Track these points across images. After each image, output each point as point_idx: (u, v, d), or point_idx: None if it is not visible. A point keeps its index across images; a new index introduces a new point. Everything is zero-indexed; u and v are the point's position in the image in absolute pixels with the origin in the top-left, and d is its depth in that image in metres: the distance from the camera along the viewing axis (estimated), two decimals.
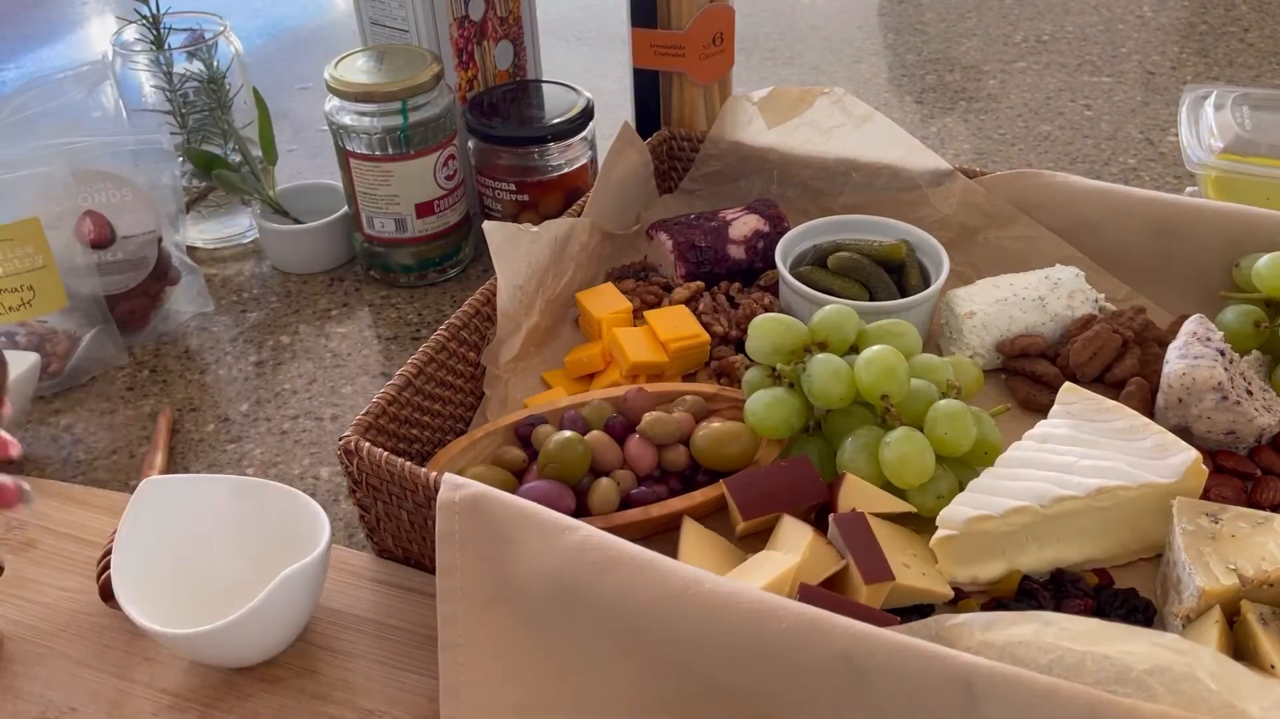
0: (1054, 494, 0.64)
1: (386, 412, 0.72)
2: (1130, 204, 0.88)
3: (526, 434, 0.75)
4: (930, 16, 1.51)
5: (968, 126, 1.23)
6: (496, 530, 0.61)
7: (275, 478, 0.81)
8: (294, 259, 1.04)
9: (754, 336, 0.75)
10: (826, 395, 0.70)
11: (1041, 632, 0.56)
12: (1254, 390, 0.74)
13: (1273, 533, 0.62)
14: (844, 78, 1.36)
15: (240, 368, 0.93)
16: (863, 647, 0.52)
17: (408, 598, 0.69)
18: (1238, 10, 1.46)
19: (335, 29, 1.59)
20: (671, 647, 0.57)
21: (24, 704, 0.64)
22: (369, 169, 0.94)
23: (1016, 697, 0.49)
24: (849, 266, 0.85)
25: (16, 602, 0.70)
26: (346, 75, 0.91)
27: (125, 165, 0.92)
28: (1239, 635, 0.60)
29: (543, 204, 0.99)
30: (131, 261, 0.93)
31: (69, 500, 0.78)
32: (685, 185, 1.04)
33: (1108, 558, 0.68)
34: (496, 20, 1.00)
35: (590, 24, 1.54)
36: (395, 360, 0.92)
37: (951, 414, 0.68)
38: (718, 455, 0.72)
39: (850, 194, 0.98)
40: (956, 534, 0.64)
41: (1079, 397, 0.72)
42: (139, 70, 1.00)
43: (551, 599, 0.59)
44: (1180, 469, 0.65)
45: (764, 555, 0.65)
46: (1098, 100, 1.27)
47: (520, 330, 0.84)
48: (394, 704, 0.63)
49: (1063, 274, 0.85)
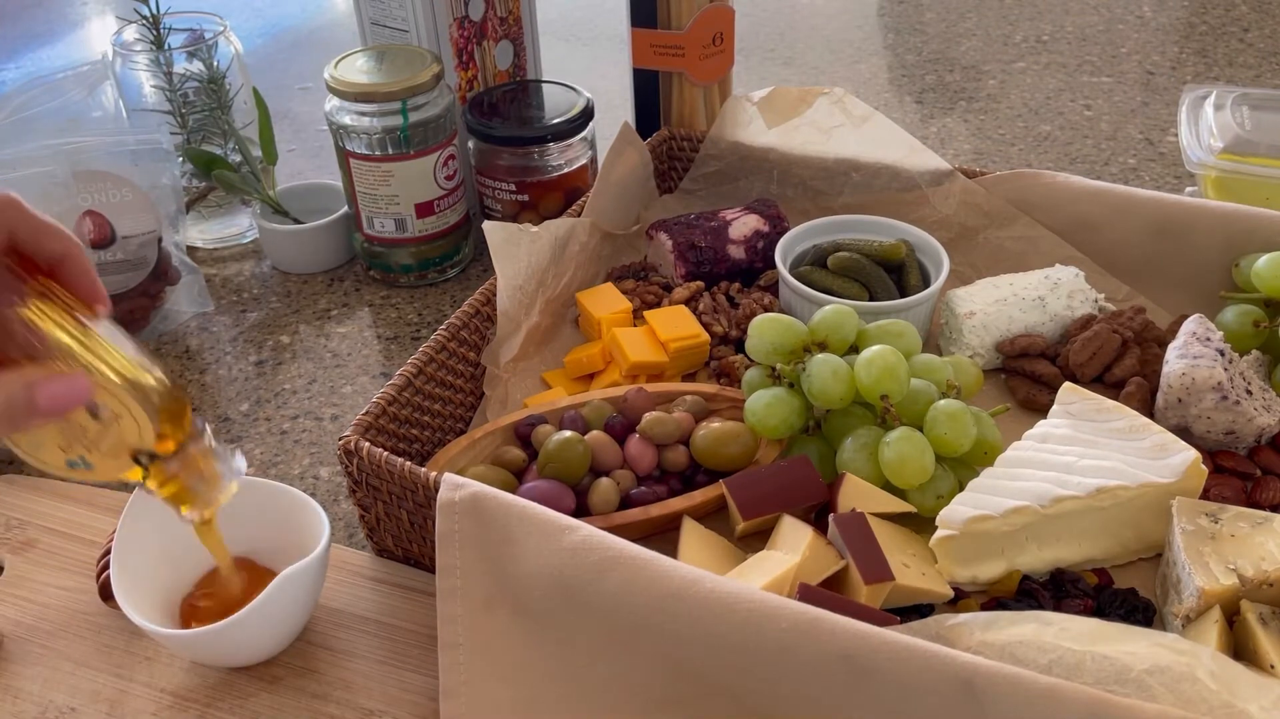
0: (1054, 494, 0.64)
1: (386, 412, 0.72)
2: (1130, 204, 0.88)
3: (526, 434, 0.75)
4: (930, 16, 1.51)
5: (968, 126, 1.23)
6: (496, 530, 0.61)
7: (275, 478, 0.81)
8: (294, 259, 1.04)
9: (754, 336, 0.75)
10: (826, 395, 0.70)
11: (1041, 632, 0.56)
12: (1254, 390, 0.74)
13: (1272, 533, 0.62)
14: (844, 78, 1.36)
15: (240, 368, 0.93)
16: (863, 647, 0.52)
17: (408, 598, 0.69)
18: (1238, 10, 1.46)
19: (335, 29, 1.59)
20: (671, 646, 0.57)
21: (24, 704, 0.64)
22: (369, 169, 0.94)
23: (1016, 697, 0.49)
24: (849, 267, 0.85)
25: (16, 602, 0.70)
26: (346, 75, 0.92)
27: (125, 165, 0.92)
28: (1239, 635, 0.60)
29: (543, 204, 0.99)
30: (131, 261, 0.93)
31: (69, 500, 0.78)
32: (685, 185, 1.05)
33: (1108, 558, 0.68)
34: (496, 20, 1.00)
35: (590, 24, 1.54)
36: (395, 360, 0.93)
37: (951, 414, 0.68)
38: (718, 455, 0.72)
39: (850, 194, 0.98)
40: (956, 534, 0.64)
41: (1079, 396, 0.72)
42: (139, 70, 1.00)
43: (551, 599, 0.59)
44: (1180, 469, 0.66)
45: (764, 555, 0.65)
46: (1098, 100, 1.27)
47: (520, 330, 0.84)
48: (394, 704, 0.63)
49: (1063, 274, 0.85)
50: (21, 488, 0.79)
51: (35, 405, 0.49)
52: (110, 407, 0.52)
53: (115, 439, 0.53)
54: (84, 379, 0.51)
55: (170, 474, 0.56)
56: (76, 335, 0.52)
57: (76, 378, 0.51)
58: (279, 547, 0.67)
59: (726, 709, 0.57)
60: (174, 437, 0.55)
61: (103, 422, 0.52)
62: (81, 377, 0.51)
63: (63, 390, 0.50)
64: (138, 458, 0.54)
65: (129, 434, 0.53)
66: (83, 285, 0.54)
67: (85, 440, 0.53)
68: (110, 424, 0.53)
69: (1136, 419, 0.69)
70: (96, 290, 0.54)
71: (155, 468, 0.55)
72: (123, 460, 0.54)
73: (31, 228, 0.53)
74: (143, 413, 0.53)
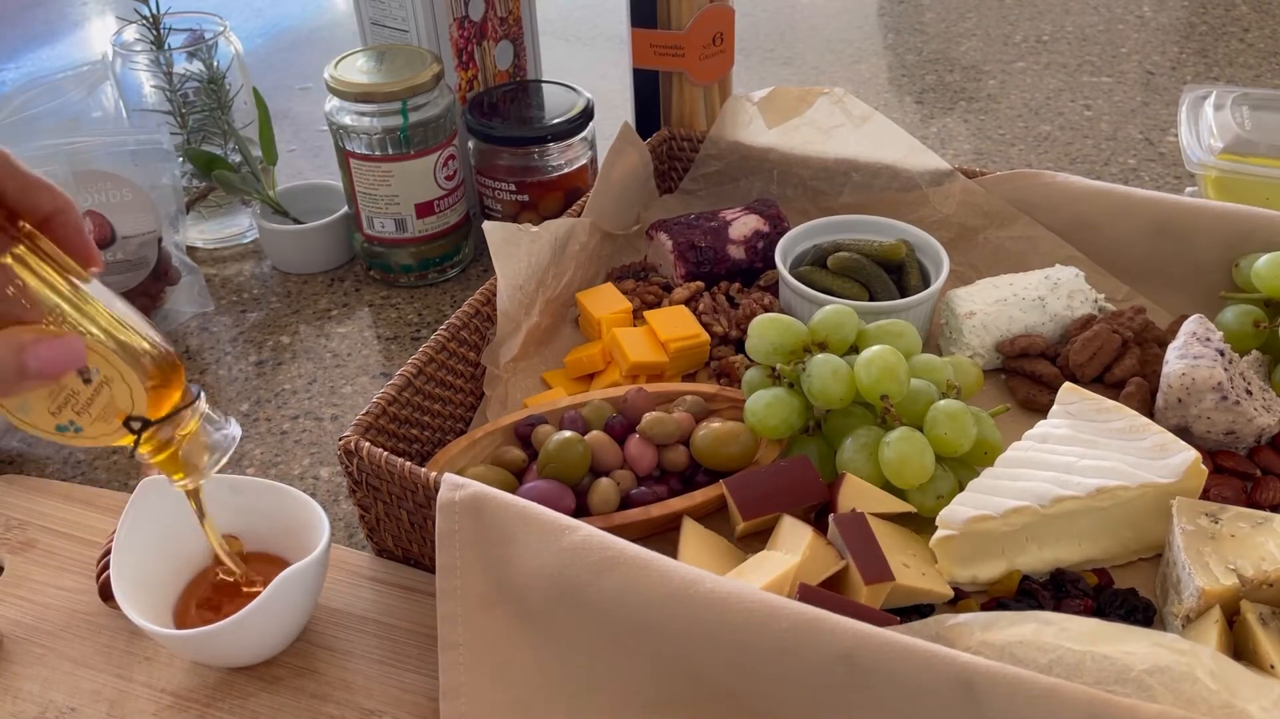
0: (1054, 494, 0.64)
1: (386, 412, 0.72)
2: (1130, 204, 0.88)
3: (526, 434, 0.75)
4: (930, 16, 1.51)
5: (968, 126, 1.23)
6: (496, 530, 0.61)
7: (275, 478, 0.81)
8: (294, 259, 1.04)
9: (754, 336, 0.75)
10: (826, 396, 0.70)
11: (1041, 631, 0.56)
12: (1254, 390, 0.74)
13: (1272, 533, 0.62)
14: (844, 78, 1.36)
15: (240, 368, 0.93)
16: (863, 647, 0.52)
17: (408, 598, 0.69)
18: (1238, 10, 1.46)
19: (335, 29, 1.59)
20: (671, 646, 0.57)
21: (24, 704, 0.64)
22: (369, 169, 0.94)
23: (1016, 697, 0.49)
24: (849, 266, 0.85)
25: (16, 602, 0.70)
26: (346, 75, 0.92)
27: (125, 165, 0.92)
28: (1239, 635, 0.60)
29: (543, 204, 0.99)
30: (131, 261, 0.93)
31: (69, 500, 0.78)
32: (685, 185, 1.04)
33: (1108, 558, 0.68)
34: (496, 20, 1.00)
35: (590, 24, 1.54)
36: (395, 360, 0.93)
37: (951, 414, 0.68)
38: (718, 455, 0.72)
39: (850, 194, 0.98)
40: (956, 534, 0.64)
41: (1079, 396, 0.72)
42: (139, 70, 1.00)
43: (551, 599, 0.59)
44: (1180, 469, 0.66)
45: (764, 555, 0.65)
46: (1098, 100, 1.27)
47: (520, 330, 0.84)
48: (394, 704, 0.63)
49: (1062, 274, 0.85)
50: (21, 488, 0.79)
51: (25, 369, 0.47)
52: (102, 370, 0.50)
53: (106, 404, 0.51)
54: (77, 342, 0.49)
55: (163, 441, 0.54)
56: (67, 295, 0.50)
57: (69, 340, 0.49)
58: (278, 547, 0.67)
59: (726, 709, 0.57)
60: (167, 402, 0.53)
61: (94, 386, 0.51)
62: (74, 339, 0.49)
63: (55, 354, 0.47)
64: (129, 423, 0.53)
65: (120, 399, 0.52)
66: (75, 244, 0.52)
67: (76, 404, 0.51)
68: (101, 388, 0.51)
69: (1136, 419, 0.69)
70: (89, 250, 0.52)
71: (147, 434, 0.54)
72: (113, 425, 0.52)
73: (21, 182, 0.50)
74: (135, 377, 0.51)
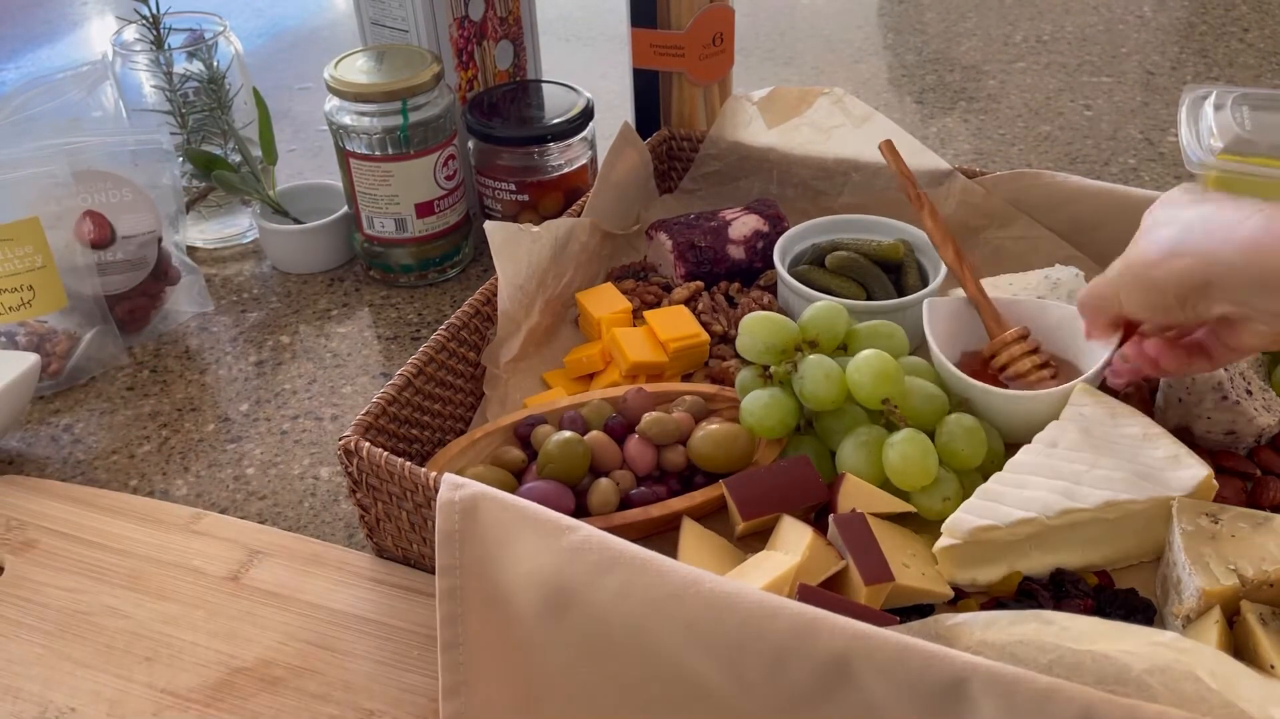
0: (1062, 506, 0.63)
1: (386, 412, 0.72)
2: (1130, 204, 0.88)
3: (526, 434, 0.75)
4: (930, 16, 1.51)
5: (968, 126, 1.23)
6: (496, 530, 0.61)
7: (275, 477, 0.81)
8: (294, 259, 1.04)
9: (745, 335, 0.75)
10: (818, 398, 0.71)
11: (1041, 631, 0.56)
12: (1254, 390, 0.74)
13: (1273, 533, 0.62)
14: (844, 78, 1.36)
15: (240, 368, 0.93)
16: (862, 647, 0.52)
17: (408, 598, 0.69)
18: (1238, 10, 1.46)
19: (335, 29, 1.59)
20: (671, 646, 0.57)
21: (24, 704, 0.64)
22: (369, 169, 0.94)
23: (1016, 696, 0.49)
24: (847, 266, 0.85)
25: (16, 602, 0.70)
26: (346, 75, 0.92)
27: (125, 165, 0.92)
28: (1239, 635, 0.60)
29: (543, 204, 0.99)
30: (131, 261, 0.93)
31: (69, 500, 0.78)
32: (685, 185, 1.04)
33: (1109, 563, 0.68)
34: (496, 20, 1.00)
35: (590, 24, 1.54)
36: (395, 360, 0.93)
37: (968, 430, 0.68)
38: (716, 457, 0.72)
39: (850, 194, 0.98)
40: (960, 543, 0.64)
41: (1092, 399, 0.70)
42: (139, 70, 1.00)
43: (551, 599, 0.59)
44: (1190, 484, 0.64)
45: (764, 555, 0.65)
46: (1098, 100, 1.27)
47: (520, 330, 0.84)
48: (394, 704, 0.63)
49: (1063, 274, 0.85)
50: (21, 488, 0.79)
51: None
52: None
53: None
54: None
55: None
56: None
57: None
58: None
59: (726, 709, 0.57)
60: None
61: None
62: None
63: None
64: None
65: None
66: None
67: None
68: None
69: (1151, 427, 0.68)
70: None
71: None
72: None
73: None
74: None
